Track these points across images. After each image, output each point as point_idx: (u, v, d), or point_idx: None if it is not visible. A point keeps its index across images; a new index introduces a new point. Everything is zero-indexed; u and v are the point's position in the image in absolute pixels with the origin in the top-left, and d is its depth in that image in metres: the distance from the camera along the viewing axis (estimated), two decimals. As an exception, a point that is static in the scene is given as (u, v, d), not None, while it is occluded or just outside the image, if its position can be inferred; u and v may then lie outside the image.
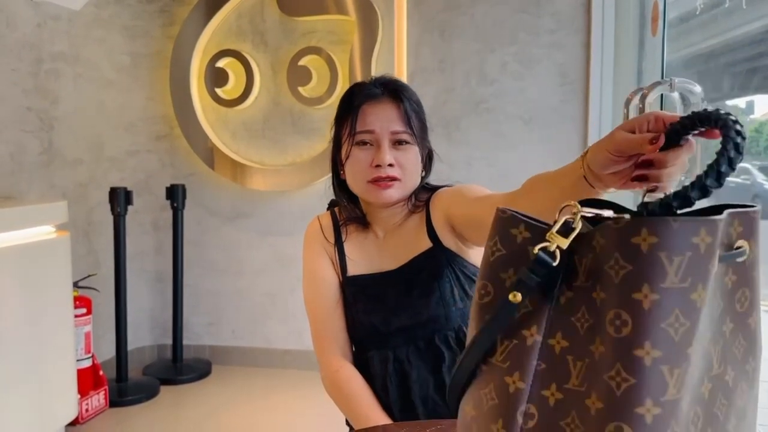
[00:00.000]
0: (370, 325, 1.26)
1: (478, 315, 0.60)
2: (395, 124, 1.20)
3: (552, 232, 0.55)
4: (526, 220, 0.58)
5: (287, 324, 3.33)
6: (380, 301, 1.25)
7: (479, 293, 0.60)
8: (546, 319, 0.56)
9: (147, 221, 3.40)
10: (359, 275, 1.28)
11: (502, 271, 0.59)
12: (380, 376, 1.26)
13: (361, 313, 1.27)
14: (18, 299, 2.18)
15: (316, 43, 3.16)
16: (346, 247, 1.31)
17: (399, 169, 1.20)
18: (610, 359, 0.49)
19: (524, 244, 0.58)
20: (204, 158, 3.33)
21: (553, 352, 0.55)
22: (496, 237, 0.60)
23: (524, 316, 0.57)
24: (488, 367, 0.58)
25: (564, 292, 0.56)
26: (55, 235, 2.38)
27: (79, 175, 2.99)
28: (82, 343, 2.67)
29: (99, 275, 3.02)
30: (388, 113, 1.20)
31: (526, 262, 0.56)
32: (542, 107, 2.95)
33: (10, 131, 2.59)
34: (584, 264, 0.54)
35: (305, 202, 3.26)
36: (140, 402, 2.87)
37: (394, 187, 1.20)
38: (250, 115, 3.32)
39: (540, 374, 0.55)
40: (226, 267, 3.40)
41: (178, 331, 3.25)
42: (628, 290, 0.49)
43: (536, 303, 0.56)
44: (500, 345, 0.57)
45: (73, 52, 2.93)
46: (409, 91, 1.25)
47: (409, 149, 1.21)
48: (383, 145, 1.19)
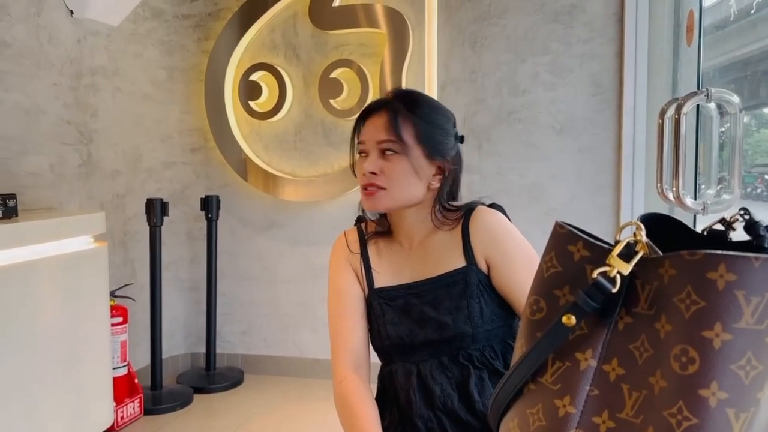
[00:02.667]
0: (396, 337, 1.26)
1: (528, 331, 0.59)
2: (381, 133, 1.20)
3: (613, 256, 0.53)
4: (584, 237, 0.56)
5: (318, 333, 3.35)
6: (406, 313, 1.26)
7: (531, 308, 0.59)
8: (602, 344, 0.54)
9: (182, 231, 3.46)
10: (386, 287, 1.28)
11: (556, 288, 0.57)
12: (404, 388, 1.26)
13: (388, 324, 1.27)
14: (57, 308, 2.23)
15: (347, 56, 3.19)
16: (372, 260, 1.32)
17: (383, 178, 1.20)
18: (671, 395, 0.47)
19: (582, 263, 0.56)
20: (237, 169, 3.38)
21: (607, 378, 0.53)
22: (552, 252, 0.58)
23: (579, 339, 0.55)
24: (537, 387, 0.57)
25: (623, 317, 0.53)
26: (93, 246, 2.44)
27: (117, 186, 3.06)
28: (118, 351, 2.72)
29: (135, 284, 3.08)
30: (378, 123, 1.21)
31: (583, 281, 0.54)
32: (575, 117, 2.92)
33: (51, 144, 2.67)
34: (648, 291, 0.52)
35: (336, 213, 3.28)
36: (174, 410, 2.91)
37: (377, 196, 1.21)
38: (283, 127, 3.36)
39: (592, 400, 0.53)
40: (259, 276, 3.44)
41: (211, 339, 3.29)
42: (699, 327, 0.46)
43: (592, 326, 0.54)
44: (551, 365, 0.56)
45: (112, 66, 3.00)
46: (415, 102, 1.24)
47: (395, 159, 1.20)
48: (370, 154, 1.22)
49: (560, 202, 2.94)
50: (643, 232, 0.54)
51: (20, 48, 2.51)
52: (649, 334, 0.52)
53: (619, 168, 2.88)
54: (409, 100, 1.24)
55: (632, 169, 2.85)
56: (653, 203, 2.86)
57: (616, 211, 2.90)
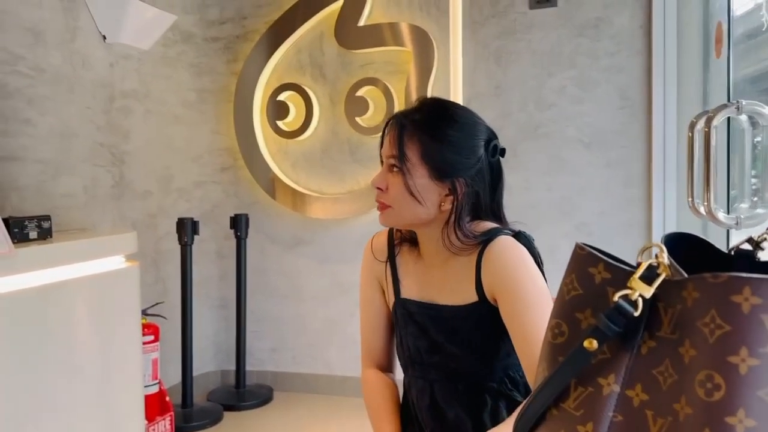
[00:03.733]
0: (416, 351, 1.26)
1: (550, 355, 0.58)
2: (390, 149, 1.17)
3: (634, 278, 0.52)
4: (605, 259, 0.56)
5: (347, 350, 3.35)
6: (425, 332, 1.24)
7: (552, 332, 0.58)
8: (625, 369, 0.53)
9: (212, 250, 3.50)
10: (410, 299, 1.27)
11: (577, 311, 0.57)
12: (417, 406, 1.27)
13: (409, 336, 1.27)
14: (89, 327, 2.27)
15: (373, 74, 3.22)
16: (399, 266, 1.31)
17: (388, 195, 1.18)
18: (697, 423, 0.46)
19: (603, 285, 0.55)
20: (265, 188, 3.42)
21: (631, 404, 0.52)
22: (573, 275, 0.58)
23: (601, 363, 0.54)
24: (560, 412, 0.56)
25: (646, 341, 0.52)
26: (125, 265, 2.48)
27: (148, 206, 3.11)
28: (150, 369, 2.76)
29: (166, 303, 3.12)
30: (390, 136, 1.18)
31: (605, 304, 0.54)
32: (603, 130, 2.89)
33: (84, 166, 2.73)
34: (671, 314, 0.51)
35: (363, 229, 3.29)
36: (204, 428, 2.93)
37: (385, 213, 1.20)
38: (310, 145, 3.39)
39: (615, 426, 0.52)
40: (288, 293, 3.45)
41: (241, 357, 3.31)
42: (724, 352, 0.45)
43: (615, 350, 0.53)
44: (574, 390, 0.55)
45: (143, 89, 3.07)
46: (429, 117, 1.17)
47: (397, 177, 1.16)
48: (382, 168, 1.20)
49: (589, 216, 2.90)
50: (665, 254, 0.53)
51: (55, 73, 2.58)
52: (673, 358, 0.51)
53: (650, 182, 2.83)
54: (426, 113, 1.18)
55: (663, 182, 2.80)
56: (685, 218, 2.81)
57: (647, 225, 2.85)
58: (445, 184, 1.16)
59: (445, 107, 1.21)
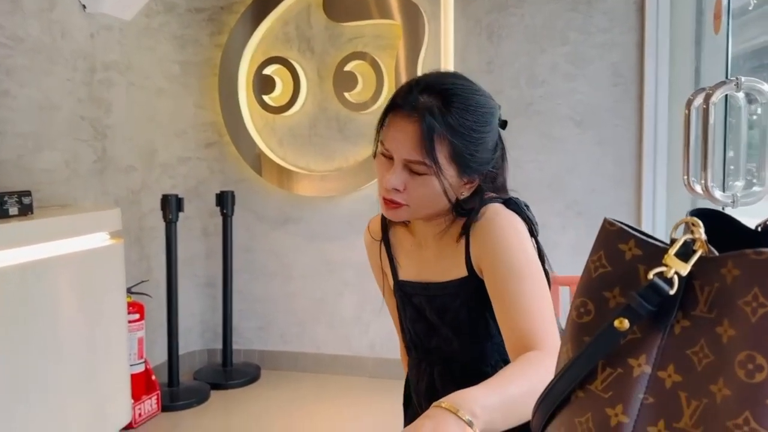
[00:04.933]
0: (415, 334, 1.24)
1: (575, 335, 0.55)
2: (410, 150, 1.03)
3: (670, 255, 0.49)
4: (637, 235, 0.53)
5: (335, 329, 3.33)
6: (421, 314, 1.21)
7: (577, 311, 0.55)
8: (656, 349, 0.50)
9: (197, 227, 3.44)
10: (407, 281, 1.23)
11: (605, 290, 0.54)
12: (415, 389, 1.25)
13: (408, 319, 1.25)
14: (74, 305, 2.22)
15: (362, 48, 3.16)
16: (394, 249, 1.27)
17: (407, 195, 1.06)
18: (736, 405, 0.44)
19: (634, 262, 0.52)
20: (252, 164, 3.36)
21: (663, 386, 0.50)
22: (600, 251, 0.55)
23: (631, 344, 0.51)
24: (586, 395, 0.53)
25: (679, 320, 0.50)
26: (109, 242, 2.43)
27: (131, 182, 3.04)
28: (135, 348, 2.71)
29: (150, 281, 3.07)
30: (408, 135, 1.03)
31: (635, 282, 0.51)
32: (595, 108, 2.87)
33: (65, 140, 2.65)
34: (707, 293, 0.48)
35: (352, 207, 3.25)
36: (191, 407, 2.90)
37: (401, 210, 1.08)
38: (297, 121, 3.33)
39: (646, 408, 0.50)
40: (275, 272, 3.42)
41: (227, 335, 3.27)
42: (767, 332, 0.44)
43: (646, 330, 0.51)
44: (601, 372, 0.52)
45: (125, 61, 2.99)
46: (454, 110, 1.03)
47: (421, 180, 1.05)
48: (395, 166, 1.05)
49: (580, 194, 2.89)
50: (701, 230, 0.50)
51: (33, 43, 2.49)
52: (709, 338, 0.49)
53: (641, 160, 2.82)
54: (448, 105, 1.03)
55: (654, 161, 2.80)
56: (675, 196, 2.80)
57: (637, 204, 2.84)
58: (470, 178, 1.10)
59: (468, 98, 1.07)
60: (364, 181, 3.18)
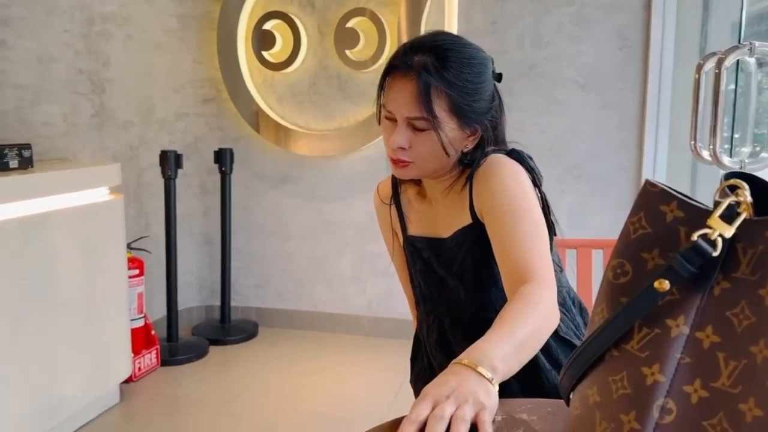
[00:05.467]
0: (425, 287, 1.28)
1: (611, 296, 0.56)
2: (410, 107, 1.07)
3: (714, 217, 0.49)
4: (679, 197, 0.53)
5: (333, 288, 3.35)
6: (430, 268, 1.25)
7: (614, 272, 0.56)
8: (695, 310, 0.51)
9: (195, 184, 3.42)
10: (416, 236, 1.27)
11: (644, 251, 0.54)
12: (427, 341, 1.30)
13: (418, 273, 1.29)
14: (74, 260, 2.22)
15: (364, 4, 3.09)
16: (404, 206, 1.31)
17: (412, 153, 1.11)
18: None
19: (675, 224, 0.53)
20: (250, 122, 3.32)
21: (700, 346, 0.51)
22: (641, 213, 0.55)
23: (669, 304, 0.52)
24: (621, 354, 0.54)
25: (719, 282, 0.50)
26: (109, 198, 2.41)
27: (129, 138, 3.01)
28: (135, 303, 2.72)
29: (149, 237, 3.06)
30: (406, 93, 1.07)
31: (675, 244, 0.51)
32: (599, 71, 2.84)
33: (63, 93, 2.61)
34: (750, 255, 0.49)
35: (351, 168, 3.24)
36: (190, 361, 2.93)
37: (408, 168, 1.13)
38: (297, 78, 3.28)
39: (683, 368, 0.51)
40: (273, 231, 3.41)
41: (226, 293, 3.29)
42: None
43: (684, 291, 0.51)
44: (638, 332, 0.53)
45: (123, 13, 2.92)
46: (448, 65, 1.07)
47: (424, 136, 1.09)
48: (399, 126, 1.10)
49: (581, 158, 2.89)
50: (747, 192, 0.51)
51: (30, -8, 2.43)
52: (751, 300, 0.49)
53: (643, 125, 2.81)
54: (442, 60, 1.07)
55: (656, 126, 2.79)
56: (676, 162, 2.81)
57: (637, 169, 2.85)
58: (471, 129, 1.14)
59: (461, 52, 1.12)
60: (364, 142, 3.16)
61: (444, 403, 0.70)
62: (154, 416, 2.46)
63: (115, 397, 2.52)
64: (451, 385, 0.73)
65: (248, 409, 2.50)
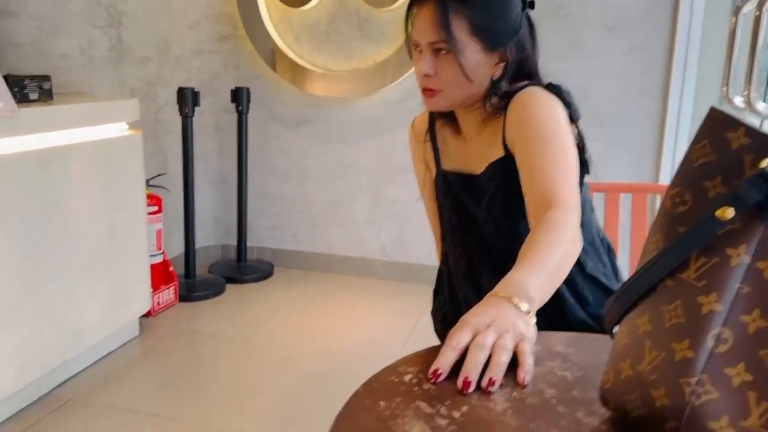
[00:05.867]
0: (456, 220, 1.28)
1: (668, 225, 0.55)
2: (431, 32, 1.08)
3: None
4: (746, 124, 0.51)
5: (348, 232, 3.36)
6: (460, 201, 1.25)
7: (672, 201, 0.54)
8: (758, 240, 0.50)
9: (210, 123, 3.40)
10: (450, 171, 1.27)
11: (706, 179, 0.53)
12: (454, 272, 1.30)
13: (448, 208, 1.29)
14: (93, 194, 2.22)
15: (386, -60, 2.99)
16: (439, 142, 1.30)
17: (438, 80, 1.11)
18: None
19: (740, 151, 0.51)
20: (266, 60, 3.27)
21: (761, 276, 0.50)
22: (705, 140, 0.53)
23: (730, 234, 0.51)
24: (676, 283, 0.53)
25: None
26: (128, 133, 2.40)
27: (147, 73, 2.97)
28: (154, 239, 2.74)
29: (167, 175, 3.06)
30: (426, 19, 1.08)
31: (740, 173, 0.50)
32: (627, 14, 2.76)
33: (81, 26, 2.56)
34: None
35: (369, 110, 3.20)
36: (207, 298, 2.97)
37: (436, 97, 1.13)
38: (315, 16, 3.21)
39: (742, 298, 0.50)
40: (289, 172, 3.40)
41: (242, 233, 3.31)
42: None
43: (746, 220, 0.50)
44: (695, 261, 0.52)
45: (139, -56, 2.84)
46: None
47: (447, 60, 1.09)
48: (423, 53, 1.11)
49: (604, 104, 2.83)
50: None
51: None
52: None
53: (669, 71, 2.75)
54: None
55: (683, 72, 2.72)
56: (702, 110, 2.75)
57: (661, 117, 2.80)
58: (496, 54, 1.12)
59: None
60: (383, 84, 3.11)
61: (485, 332, 0.70)
62: (173, 349, 2.51)
63: (134, 330, 2.57)
64: (491, 314, 0.73)
65: (265, 345, 2.55)
